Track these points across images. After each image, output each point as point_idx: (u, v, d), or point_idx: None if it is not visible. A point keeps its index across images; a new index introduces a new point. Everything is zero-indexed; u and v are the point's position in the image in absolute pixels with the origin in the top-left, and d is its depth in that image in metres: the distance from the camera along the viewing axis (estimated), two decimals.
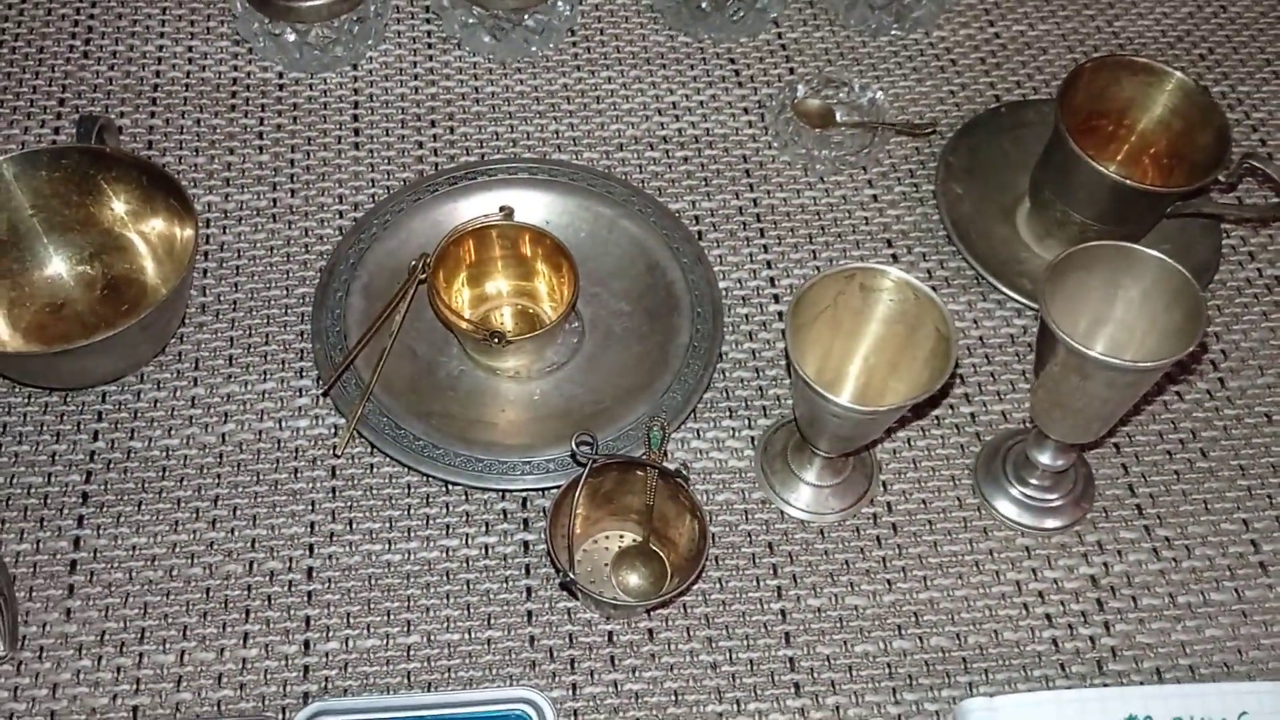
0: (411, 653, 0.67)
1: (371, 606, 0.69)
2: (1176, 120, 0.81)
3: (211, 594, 0.69)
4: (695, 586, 0.70)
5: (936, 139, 0.90)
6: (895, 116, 0.91)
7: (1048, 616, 0.70)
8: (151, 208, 0.77)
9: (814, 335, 0.67)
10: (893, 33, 0.96)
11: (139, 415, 0.75)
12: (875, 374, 0.69)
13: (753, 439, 0.76)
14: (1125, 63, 0.81)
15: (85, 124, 0.76)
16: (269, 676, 0.66)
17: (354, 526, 0.71)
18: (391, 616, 0.68)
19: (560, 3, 0.91)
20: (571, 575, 0.64)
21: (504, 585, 0.70)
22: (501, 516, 0.72)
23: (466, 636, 0.68)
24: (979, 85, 0.94)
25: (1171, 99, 0.80)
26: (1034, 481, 0.73)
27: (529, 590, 0.70)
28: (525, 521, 0.72)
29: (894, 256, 0.84)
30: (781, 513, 0.73)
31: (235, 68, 0.91)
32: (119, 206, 0.77)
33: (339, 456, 0.73)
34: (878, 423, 0.67)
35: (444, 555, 0.70)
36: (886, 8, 0.94)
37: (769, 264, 0.83)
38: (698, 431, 0.76)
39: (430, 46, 0.94)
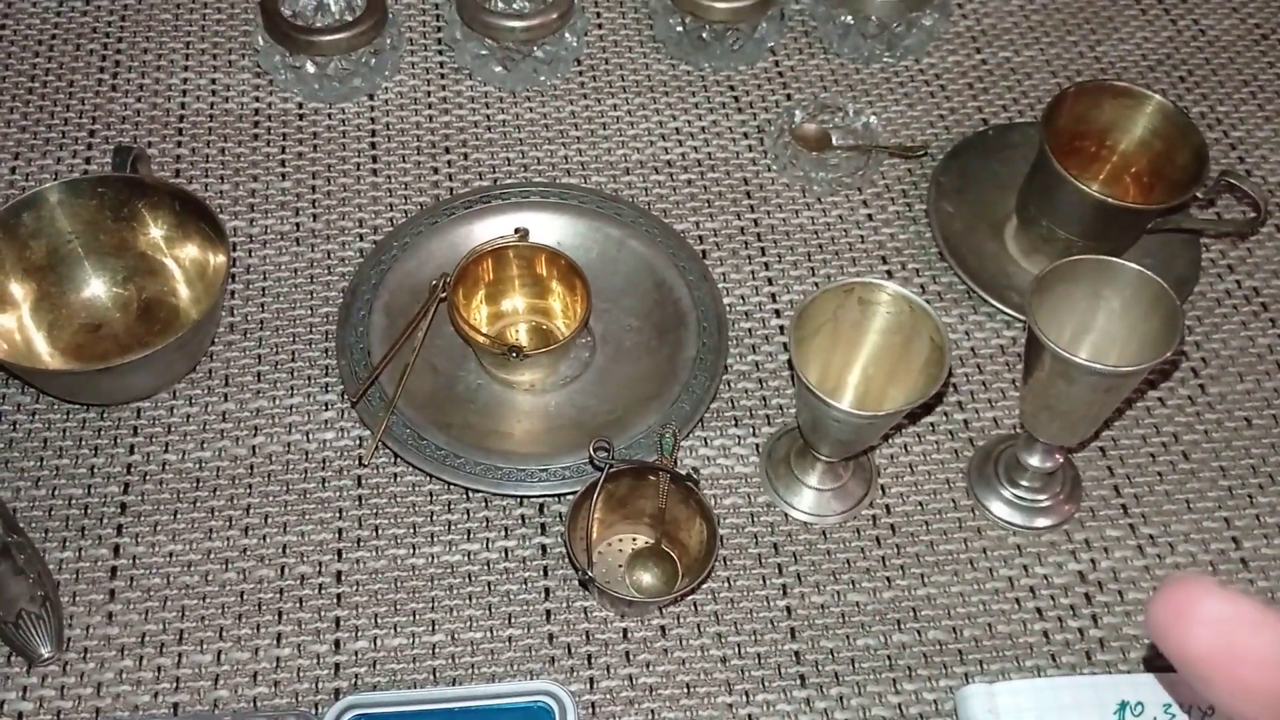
0: (437, 650, 0.70)
1: (398, 607, 0.71)
2: (1156, 140, 0.83)
3: (245, 597, 0.71)
4: (705, 585, 0.73)
5: (928, 161, 0.93)
6: (888, 140, 0.94)
7: (1038, 610, 0.73)
8: (185, 233, 0.80)
9: (815, 347, 0.70)
10: (884, 60, 0.99)
11: (173, 429, 0.78)
12: (874, 382, 0.72)
13: (757, 446, 0.79)
14: (1107, 87, 0.84)
15: (121, 154, 0.80)
16: (302, 674, 0.69)
17: (380, 532, 0.74)
18: (417, 616, 0.71)
19: (568, 34, 0.94)
20: (590, 574, 0.67)
21: (523, 586, 0.73)
22: (520, 521, 0.75)
23: (489, 634, 0.71)
24: (967, 109, 0.97)
25: (1151, 120, 0.83)
26: (1024, 483, 0.76)
27: (547, 590, 0.73)
28: (543, 526, 0.75)
29: (889, 273, 0.88)
30: (785, 515, 0.76)
31: (257, 99, 0.95)
32: (155, 232, 0.80)
33: (365, 466, 0.76)
34: (876, 427, 0.70)
35: (466, 558, 0.73)
36: (878, 37, 0.97)
37: (770, 280, 0.87)
38: (705, 439, 0.79)
39: (444, 77, 0.97)
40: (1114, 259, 0.66)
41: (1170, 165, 0.83)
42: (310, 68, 0.91)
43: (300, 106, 0.94)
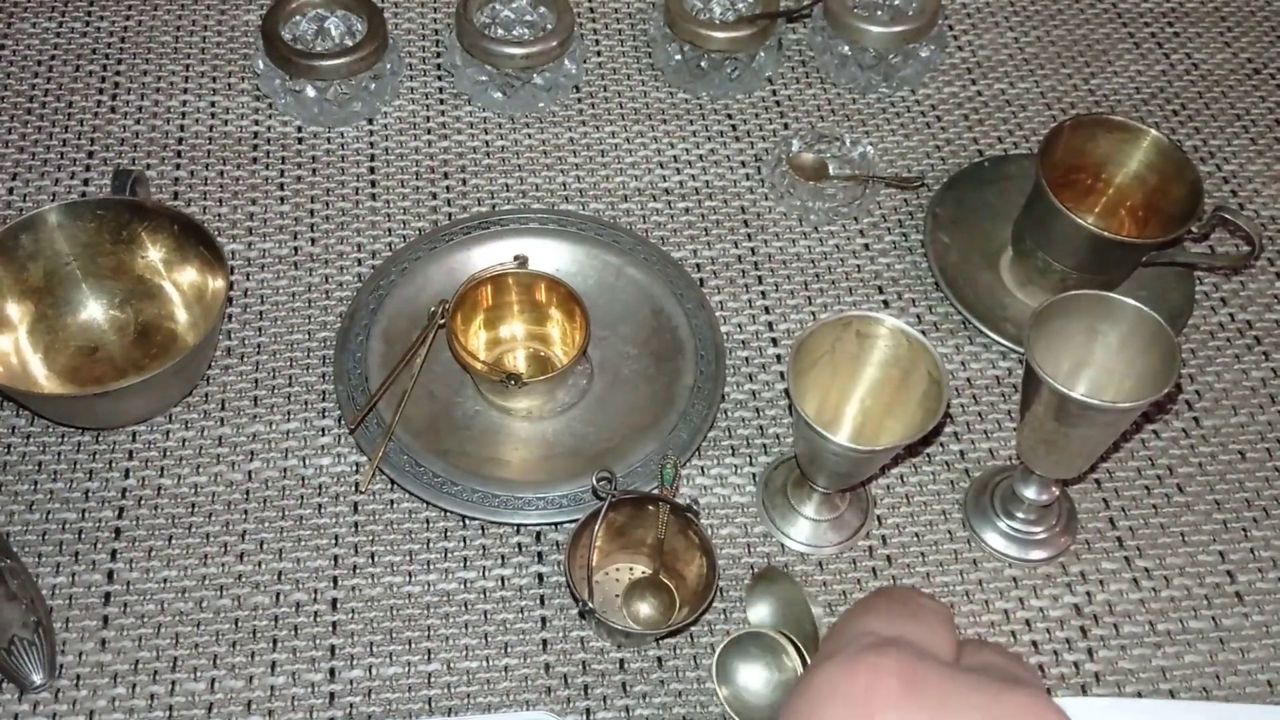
0: (432, 679, 0.70)
1: (393, 635, 0.71)
2: (1151, 175, 0.84)
3: (240, 624, 0.71)
4: (702, 617, 0.73)
5: (924, 191, 0.94)
6: (885, 170, 0.95)
7: (1034, 643, 0.73)
8: (184, 257, 0.80)
9: (813, 379, 0.70)
10: (881, 90, 1.00)
11: (169, 454, 0.77)
12: (871, 415, 0.72)
13: (754, 475, 0.79)
14: (1102, 120, 0.84)
15: (120, 177, 0.79)
16: (296, 703, 0.69)
17: (376, 559, 0.74)
18: (413, 645, 0.71)
19: (567, 61, 0.94)
20: (590, 604, 0.67)
21: (519, 615, 0.72)
22: (516, 550, 0.75)
23: (485, 663, 0.70)
24: (963, 140, 0.98)
25: (1146, 155, 0.83)
26: (1020, 515, 0.76)
27: (544, 619, 0.72)
28: (539, 554, 0.75)
29: (885, 303, 0.88)
30: (782, 545, 0.76)
31: (257, 122, 0.95)
32: (153, 255, 0.80)
33: (362, 493, 0.76)
34: (873, 461, 0.70)
35: (462, 586, 0.73)
36: (875, 67, 0.98)
37: (767, 309, 0.87)
38: (702, 468, 0.79)
39: (443, 102, 0.97)
40: (1111, 294, 0.66)
41: (1165, 199, 0.83)
42: (310, 92, 0.92)
43: (300, 130, 0.94)
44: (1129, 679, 0.72)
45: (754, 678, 0.70)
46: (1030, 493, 0.74)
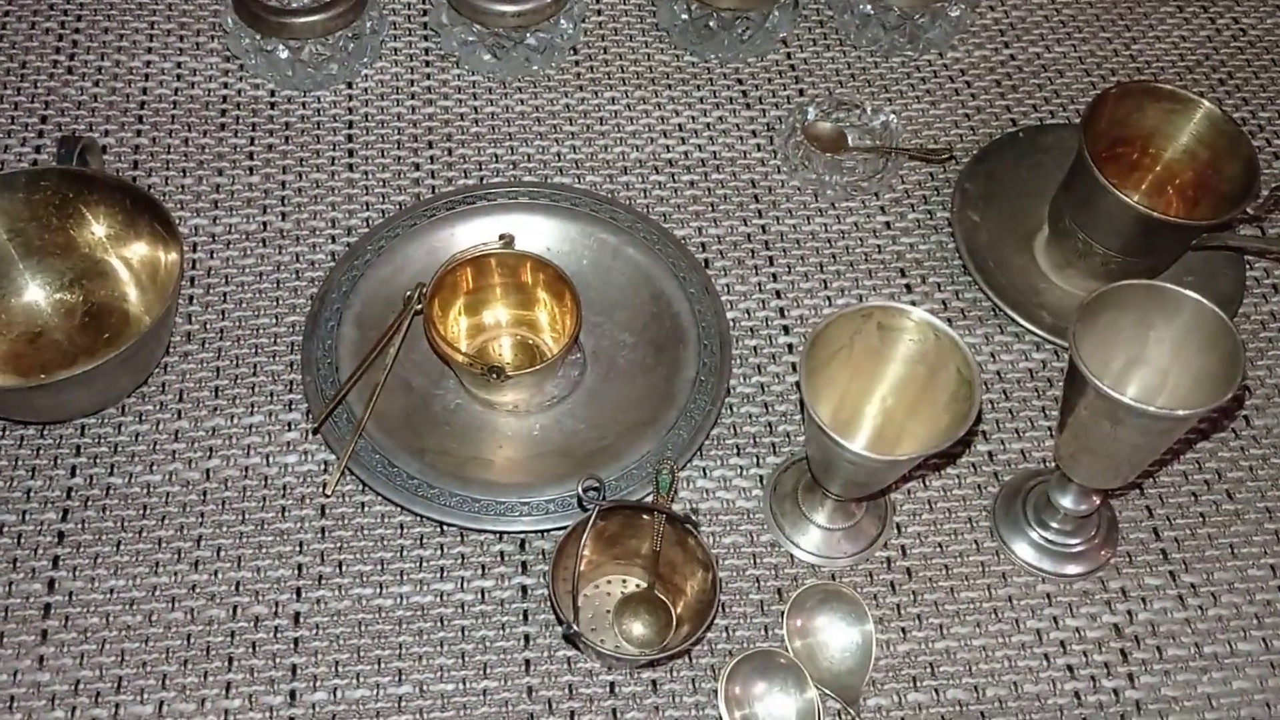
0: (403, 704, 0.65)
1: (361, 654, 0.66)
2: (1203, 150, 0.79)
3: (193, 640, 0.66)
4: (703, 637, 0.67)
5: (952, 164, 0.89)
6: (909, 141, 0.90)
7: (1069, 668, 0.68)
8: (134, 231, 0.75)
9: (829, 375, 0.65)
10: (906, 54, 0.95)
11: (119, 450, 0.72)
12: (893, 416, 0.67)
13: (761, 478, 0.73)
14: (1151, 89, 0.79)
15: (66, 145, 0.74)
16: None
17: (344, 569, 0.69)
18: (382, 665, 0.66)
19: (563, 20, 0.90)
20: (574, 627, 0.61)
21: (501, 632, 0.67)
22: (499, 559, 0.70)
23: (461, 686, 0.66)
24: (995, 109, 0.92)
25: (1198, 128, 0.79)
26: (1055, 525, 0.71)
27: (527, 638, 0.67)
28: (524, 564, 0.69)
29: (908, 286, 0.82)
30: (791, 556, 0.71)
31: (225, 85, 0.89)
32: (100, 230, 0.75)
33: (329, 495, 0.71)
34: (894, 470, 0.65)
35: (438, 600, 0.68)
36: (899, 28, 0.93)
37: (778, 294, 0.81)
38: (704, 470, 0.73)
39: (428, 65, 0.92)
40: (1168, 285, 0.61)
41: (1217, 177, 0.79)
42: (283, 52, 0.87)
43: (272, 94, 0.89)
44: (1173, 707, 0.67)
45: (765, 704, 0.64)
46: (1068, 501, 0.69)
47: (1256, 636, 0.70)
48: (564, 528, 0.67)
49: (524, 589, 0.69)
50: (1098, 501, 0.69)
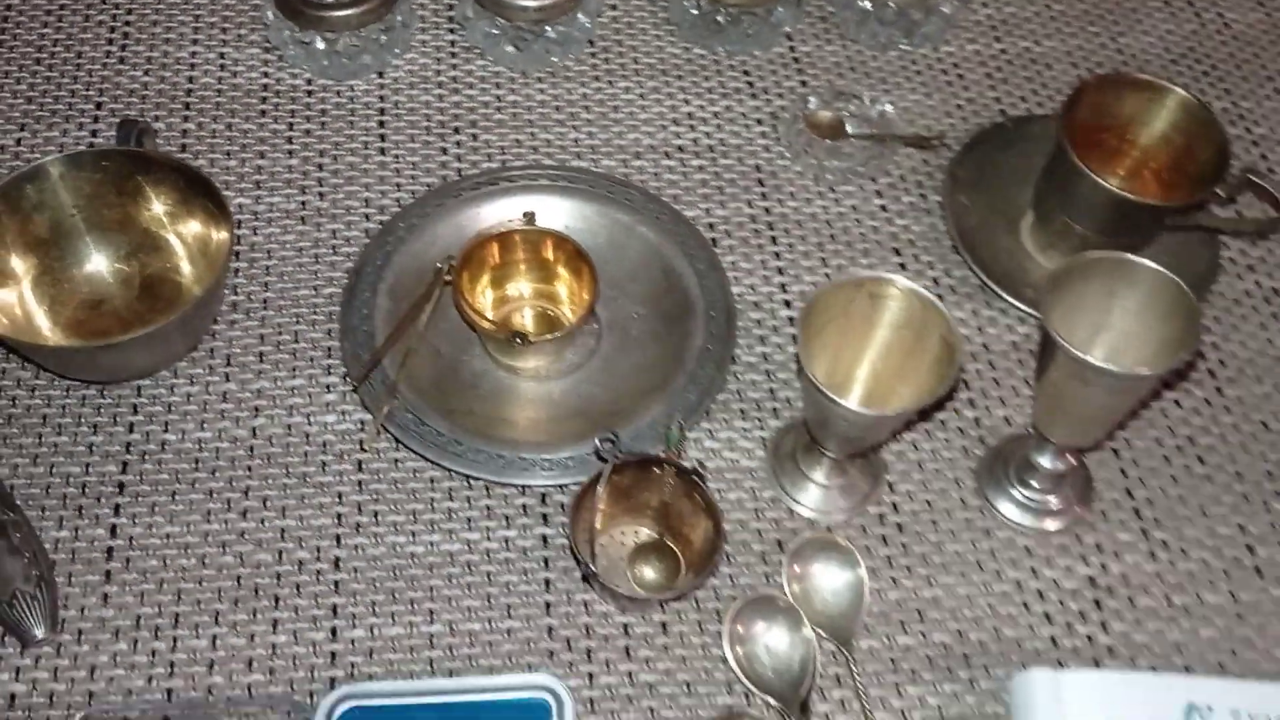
0: (434, 640, 0.69)
1: (396, 596, 0.71)
2: (1177, 135, 0.82)
3: (242, 581, 0.71)
4: (707, 581, 0.72)
5: (944, 151, 0.92)
6: (904, 129, 0.93)
7: (1047, 615, 0.72)
8: (189, 209, 0.79)
9: (824, 341, 0.68)
10: (902, 47, 0.98)
11: (173, 409, 0.77)
12: (882, 378, 0.71)
13: (764, 439, 0.78)
14: (1128, 79, 0.82)
15: (125, 128, 0.79)
16: (297, 661, 0.68)
17: (379, 519, 0.73)
18: (415, 605, 0.70)
19: (581, 15, 0.93)
20: (593, 568, 0.66)
21: (523, 577, 0.72)
22: (521, 511, 0.74)
23: (487, 626, 0.70)
24: (985, 99, 0.96)
25: (1173, 115, 0.82)
26: (1035, 484, 0.74)
27: (547, 582, 0.72)
28: (544, 516, 0.74)
29: (901, 265, 0.86)
30: (791, 511, 0.75)
31: (266, 74, 0.93)
32: (158, 207, 0.79)
33: (366, 451, 0.76)
34: (884, 426, 0.69)
35: (466, 548, 0.72)
36: (896, 24, 0.96)
37: (780, 270, 0.85)
38: (710, 431, 0.78)
39: (454, 56, 0.95)
40: (1131, 256, 0.65)
41: (1191, 161, 0.81)
42: (320, 44, 0.90)
43: (309, 83, 0.93)
44: (1143, 653, 0.71)
45: (765, 641, 0.69)
46: (1045, 461, 0.73)
47: (1224, 589, 0.73)
48: (581, 482, 0.70)
49: (544, 538, 0.73)
50: (1073, 461, 0.73)
